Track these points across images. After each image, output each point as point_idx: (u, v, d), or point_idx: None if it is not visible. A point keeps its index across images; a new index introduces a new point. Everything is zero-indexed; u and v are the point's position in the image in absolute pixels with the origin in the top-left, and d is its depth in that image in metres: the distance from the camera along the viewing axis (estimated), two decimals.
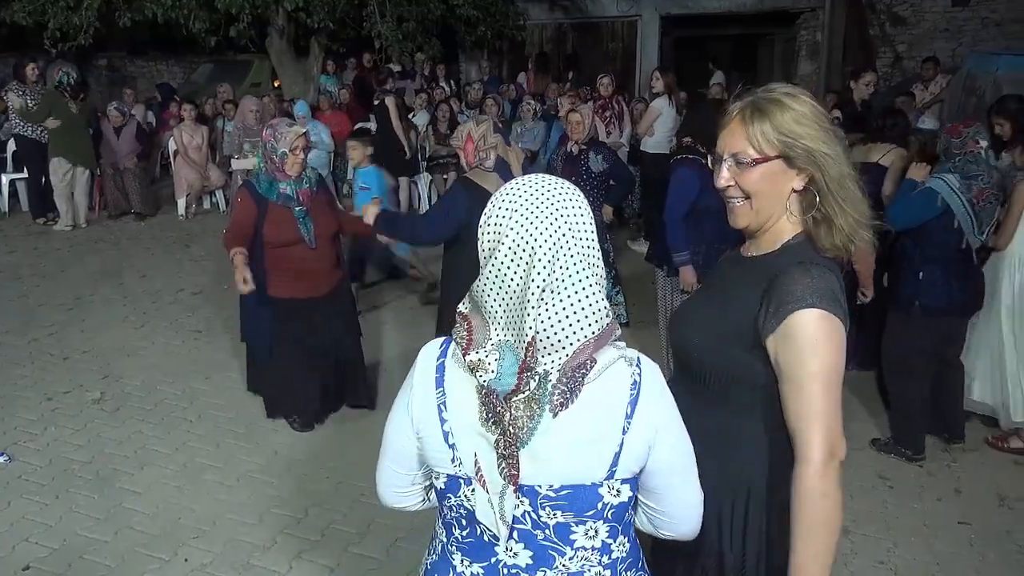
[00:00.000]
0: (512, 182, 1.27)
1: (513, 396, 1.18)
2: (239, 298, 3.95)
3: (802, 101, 1.49)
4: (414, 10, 10.02)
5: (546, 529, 1.24)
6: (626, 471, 1.23)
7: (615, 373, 1.21)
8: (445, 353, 1.29)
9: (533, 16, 12.73)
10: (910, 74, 11.15)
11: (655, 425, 1.23)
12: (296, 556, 3.14)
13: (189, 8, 9.22)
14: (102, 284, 6.55)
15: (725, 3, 12.39)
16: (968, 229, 3.55)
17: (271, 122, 3.87)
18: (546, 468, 1.20)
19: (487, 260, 1.23)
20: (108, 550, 3.17)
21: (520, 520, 1.24)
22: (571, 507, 1.22)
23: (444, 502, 1.31)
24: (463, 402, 1.23)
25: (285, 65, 10.93)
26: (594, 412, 1.20)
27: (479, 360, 1.20)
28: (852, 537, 3.23)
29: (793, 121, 1.47)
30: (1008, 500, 3.50)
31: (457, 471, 1.25)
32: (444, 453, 1.25)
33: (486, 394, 1.20)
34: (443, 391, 1.26)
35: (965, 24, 11.96)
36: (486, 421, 1.20)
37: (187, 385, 4.64)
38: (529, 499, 1.22)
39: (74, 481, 3.65)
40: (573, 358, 1.18)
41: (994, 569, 3.07)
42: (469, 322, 1.25)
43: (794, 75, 12.18)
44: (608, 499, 1.23)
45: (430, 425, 1.26)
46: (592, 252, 1.23)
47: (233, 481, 3.66)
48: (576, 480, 1.21)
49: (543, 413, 1.19)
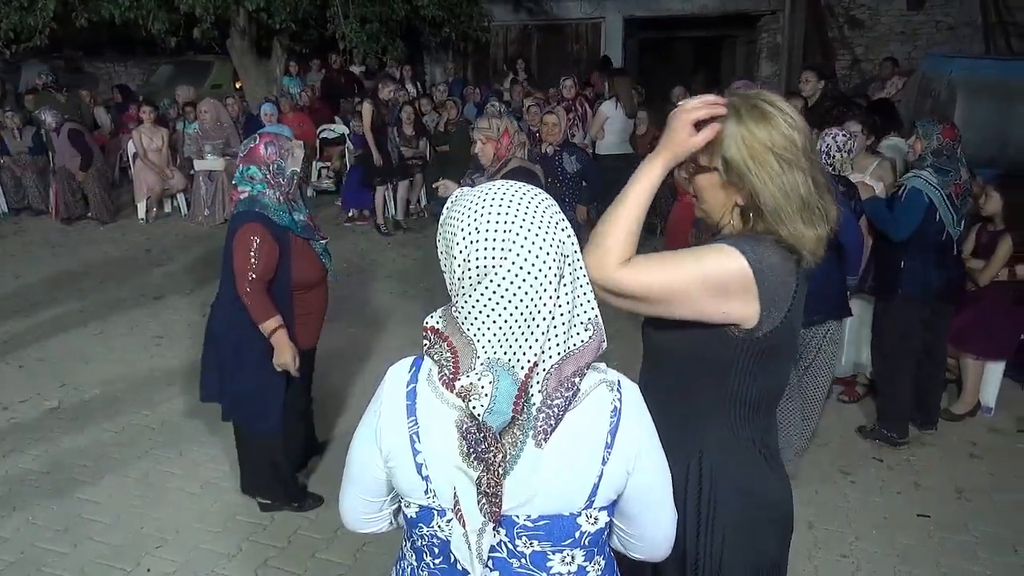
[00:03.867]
0: (481, 194, 1.16)
1: (506, 429, 1.12)
2: (246, 374, 3.09)
3: (774, 122, 1.45)
4: (377, 10, 9.96)
5: (522, 558, 1.20)
6: (604, 499, 1.20)
7: (596, 399, 1.17)
8: (416, 377, 1.20)
9: (498, 17, 12.72)
10: (868, 75, 11.36)
11: (634, 452, 1.20)
12: (262, 564, 3.10)
13: (148, 9, 9.06)
14: (59, 290, 6.41)
15: (688, 5, 12.51)
16: (949, 221, 3.73)
17: (269, 138, 3.10)
18: (525, 499, 1.15)
19: (479, 281, 1.12)
20: (68, 562, 3.10)
21: (496, 549, 1.20)
22: (548, 537, 1.18)
23: (415, 530, 1.25)
24: (438, 433, 1.15)
25: (247, 66, 10.79)
26: (575, 441, 1.15)
27: (470, 385, 1.10)
28: (815, 531, 3.29)
29: (742, 140, 1.45)
30: (965, 492, 3.58)
31: (430, 503, 1.19)
32: (416, 485, 1.18)
33: (468, 429, 1.12)
34: (415, 420, 1.17)
35: (920, 27, 12.22)
36: (467, 456, 1.13)
37: (148, 392, 4.55)
38: (506, 529, 1.18)
39: (31, 492, 3.57)
40: (555, 372, 1.13)
41: (953, 559, 3.14)
42: (449, 342, 1.15)
43: (756, 77, 12.33)
44: (586, 527, 1.20)
45: (401, 456, 1.19)
46: (579, 257, 1.18)
47: (196, 488, 3.61)
48: (555, 511, 1.17)
49: (526, 441, 1.13)
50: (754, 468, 1.57)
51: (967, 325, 4.14)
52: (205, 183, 8.51)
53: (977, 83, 6.52)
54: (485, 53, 13.34)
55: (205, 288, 6.41)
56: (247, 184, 3.05)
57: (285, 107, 9.39)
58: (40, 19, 8.73)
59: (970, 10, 11.82)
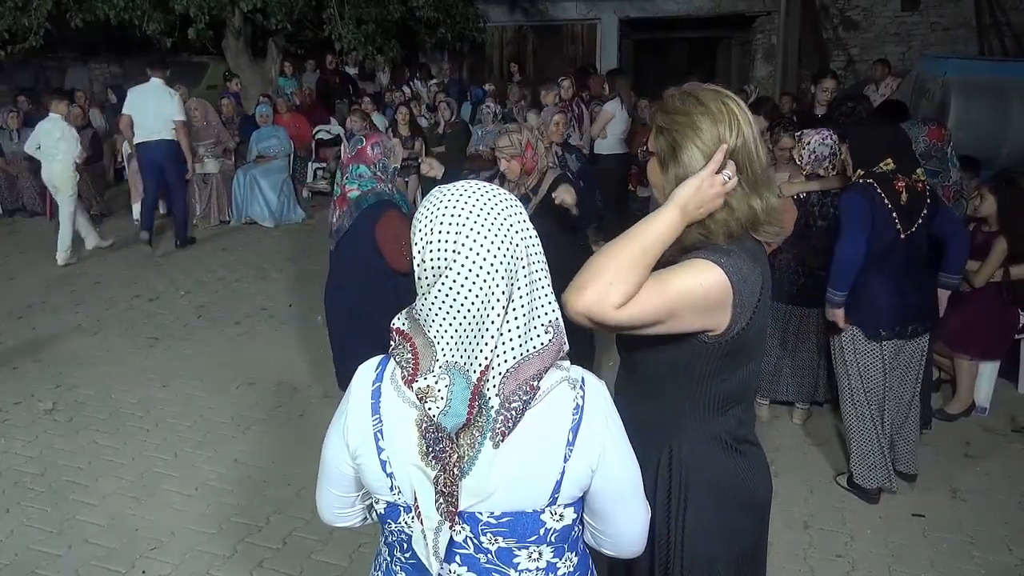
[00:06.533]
0: (442, 194, 1.18)
1: (464, 431, 1.14)
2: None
3: (705, 109, 1.48)
4: (373, 11, 9.95)
5: (488, 554, 1.22)
6: (568, 497, 1.21)
7: (557, 397, 1.18)
8: (381, 376, 1.23)
9: (493, 18, 12.73)
10: (863, 76, 11.38)
11: (598, 449, 1.20)
12: (257, 565, 3.09)
13: (143, 9, 9.04)
14: (53, 291, 6.39)
15: (683, 7, 12.53)
16: None
17: (375, 139, 3.39)
18: (486, 497, 1.17)
19: (433, 282, 1.15)
20: (62, 564, 3.09)
21: (462, 545, 1.21)
22: (512, 534, 1.20)
23: (385, 525, 1.29)
24: (400, 431, 1.18)
25: (242, 67, 10.77)
26: (535, 440, 1.16)
27: (427, 387, 1.13)
28: (809, 531, 3.29)
29: (687, 125, 1.49)
30: (960, 492, 3.59)
31: (396, 499, 1.22)
32: (382, 481, 1.22)
33: (427, 429, 1.15)
34: (379, 418, 1.20)
35: (914, 28, 12.26)
36: (425, 455, 1.15)
37: (143, 393, 4.54)
38: (470, 525, 1.20)
39: (26, 494, 3.56)
40: (512, 375, 1.13)
41: (947, 559, 3.14)
42: (411, 342, 1.17)
43: (751, 78, 12.36)
44: (551, 524, 1.21)
45: (366, 453, 1.22)
46: (540, 259, 1.19)
47: (191, 490, 3.60)
48: (517, 507, 1.18)
49: (484, 442, 1.15)
50: (725, 460, 1.59)
51: (961, 326, 4.14)
52: (199, 185, 8.49)
53: (971, 84, 6.54)
54: (481, 54, 13.35)
55: (200, 289, 6.41)
56: (356, 182, 3.35)
57: (282, 107, 9.38)
58: (34, 20, 8.71)
59: (965, 11, 11.86)
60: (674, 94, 1.55)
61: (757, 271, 1.52)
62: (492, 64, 13.39)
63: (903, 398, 3.45)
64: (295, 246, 7.76)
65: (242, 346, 5.30)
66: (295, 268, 7.03)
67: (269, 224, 8.46)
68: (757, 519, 1.67)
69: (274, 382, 4.67)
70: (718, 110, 1.48)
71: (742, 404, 1.62)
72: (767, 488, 1.67)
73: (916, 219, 3.22)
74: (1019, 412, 4.33)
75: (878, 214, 3.16)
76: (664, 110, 1.55)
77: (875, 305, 3.26)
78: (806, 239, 3.82)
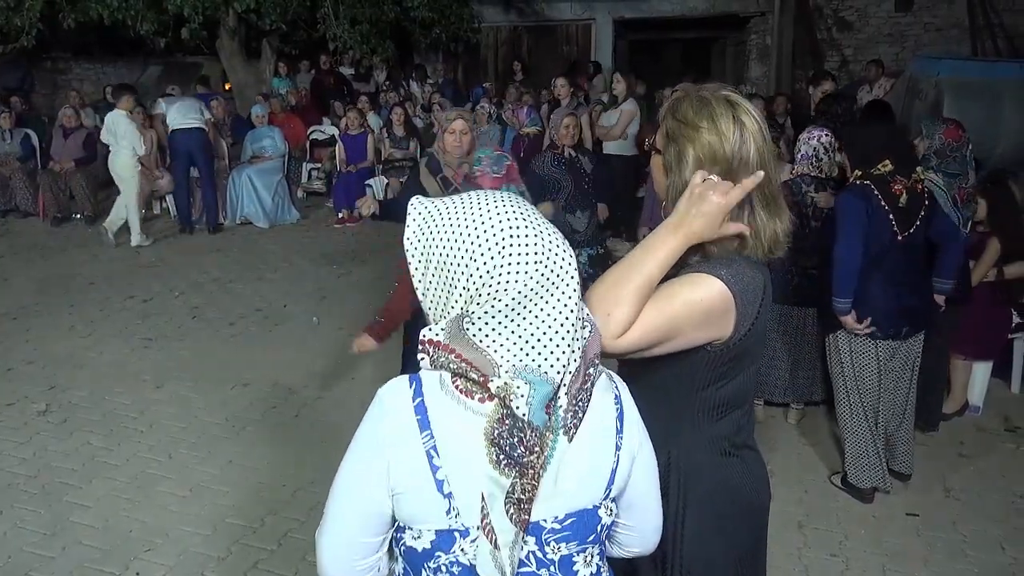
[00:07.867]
0: (483, 207, 1.11)
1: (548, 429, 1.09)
2: None
3: (714, 127, 1.45)
4: (367, 12, 9.95)
5: (551, 566, 1.16)
6: (617, 488, 1.20)
7: (602, 387, 1.18)
8: (421, 391, 1.12)
9: (488, 19, 12.72)
10: (856, 77, 11.42)
11: (639, 436, 1.22)
12: (252, 566, 3.08)
13: (136, 9, 9.02)
14: (47, 292, 6.37)
15: (677, 7, 12.54)
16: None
17: (513, 168, 3.64)
18: (555, 499, 1.13)
19: (497, 299, 1.07)
20: (56, 566, 3.08)
21: (524, 562, 1.14)
22: (575, 536, 1.16)
23: (427, 563, 1.14)
24: (461, 444, 1.09)
25: (236, 67, 10.76)
26: (594, 431, 1.15)
27: (506, 385, 1.06)
28: (804, 531, 3.30)
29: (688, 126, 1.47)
30: (954, 492, 3.61)
31: (452, 523, 1.10)
32: (436, 505, 1.10)
33: (500, 434, 1.07)
34: (430, 434, 1.09)
35: (908, 29, 12.29)
36: (498, 464, 1.07)
37: (137, 395, 4.53)
38: (535, 536, 1.14)
39: (19, 496, 3.54)
40: (576, 376, 1.11)
41: (941, 558, 3.16)
42: (456, 352, 1.08)
43: (745, 79, 12.38)
44: (605, 520, 1.19)
45: (416, 477, 1.10)
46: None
47: (186, 491, 3.59)
48: (580, 506, 1.16)
49: (557, 439, 1.11)
50: (724, 465, 1.59)
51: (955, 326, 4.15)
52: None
53: (965, 84, 6.56)
54: (475, 54, 13.35)
55: (195, 290, 6.39)
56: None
57: (276, 108, 9.37)
58: (27, 19, 8.69)
59: (958, 12, 11.89)
60: (690, 98, 1.50)
61: (758, 276, 1.50)
62: (487, 64, 13.38)
63: (898, 398, 3.46)
64: (290, 247, 7.76)
65: (237, 347, 5.29)
66: (290, 269, 7.03)
67: (264, 225, 8.45)
68: (756, 524, 1.66)
69: (269, 383, 4.66)
70: (727, 129, 1.43)
71: (741, 408, 1.62)
72: (766, 493, 1.67)
73: (914, 221, 3.22)
74: (1012, 412, 4.35)
75: (875, 215, 3.16)
76: (675, 114, 1.50)
77: (871, 306, 3.27)
78: (800, 240, 3.82)
